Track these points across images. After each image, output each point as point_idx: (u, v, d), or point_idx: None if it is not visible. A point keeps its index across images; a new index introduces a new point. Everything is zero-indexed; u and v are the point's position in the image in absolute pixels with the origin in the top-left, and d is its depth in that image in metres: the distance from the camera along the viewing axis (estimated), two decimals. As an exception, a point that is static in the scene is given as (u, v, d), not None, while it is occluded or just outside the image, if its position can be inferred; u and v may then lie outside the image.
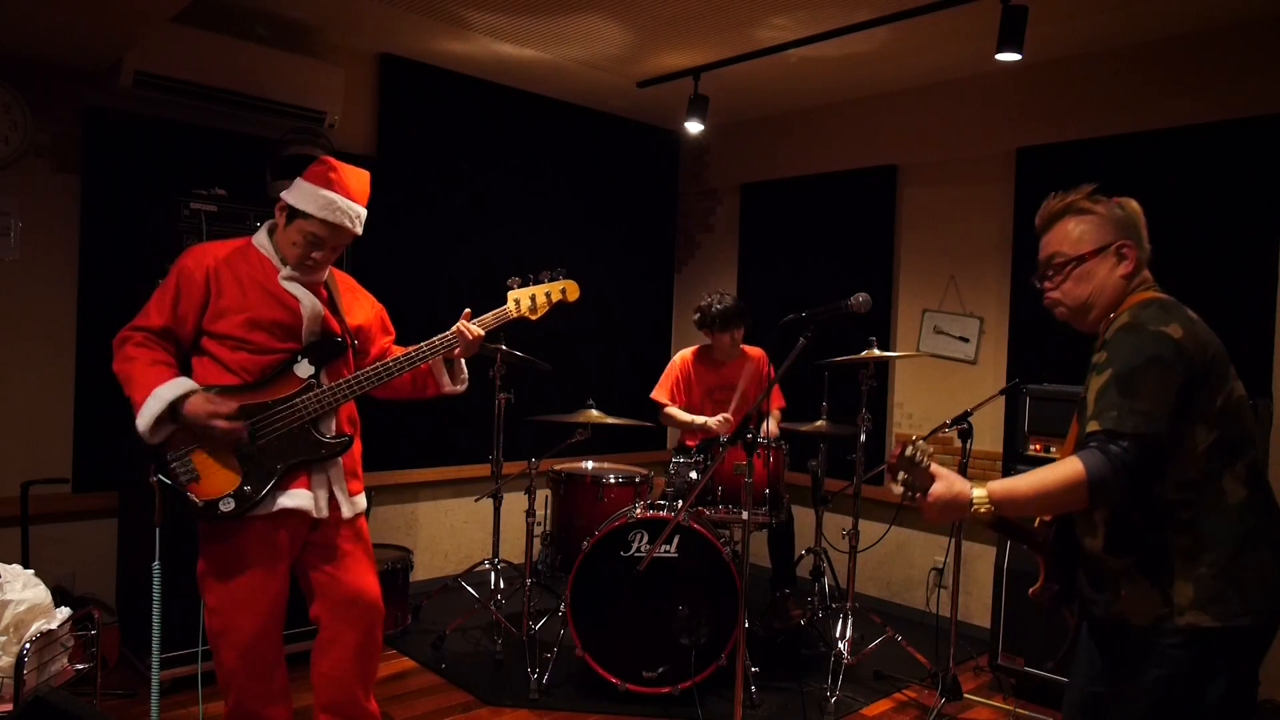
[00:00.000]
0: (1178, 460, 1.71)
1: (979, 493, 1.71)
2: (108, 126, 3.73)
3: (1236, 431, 1.75)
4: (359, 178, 2.48)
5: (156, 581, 2.35)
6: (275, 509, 2.36)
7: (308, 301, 2.46)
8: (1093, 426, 1.70)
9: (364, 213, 2.49)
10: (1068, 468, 1.68)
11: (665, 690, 3.36)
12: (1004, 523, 1.87)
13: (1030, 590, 2.00)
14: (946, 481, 1.73)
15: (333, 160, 2.48)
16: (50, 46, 3.42)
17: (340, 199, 2.41)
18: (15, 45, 3.41)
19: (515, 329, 2.87)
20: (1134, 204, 1.89)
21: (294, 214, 2.41)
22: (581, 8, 3.77)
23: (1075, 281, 1.87)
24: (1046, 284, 1.92)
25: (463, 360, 2.71)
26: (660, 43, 4.17)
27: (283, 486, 2.38)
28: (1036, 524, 1.98)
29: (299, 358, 2.44)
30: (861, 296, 2.79)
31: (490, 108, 4.91)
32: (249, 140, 4.01)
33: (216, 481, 2.33)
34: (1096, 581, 1.85)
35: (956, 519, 1.80)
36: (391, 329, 2.78)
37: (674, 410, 4.25)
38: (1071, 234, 1.87)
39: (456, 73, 4.71)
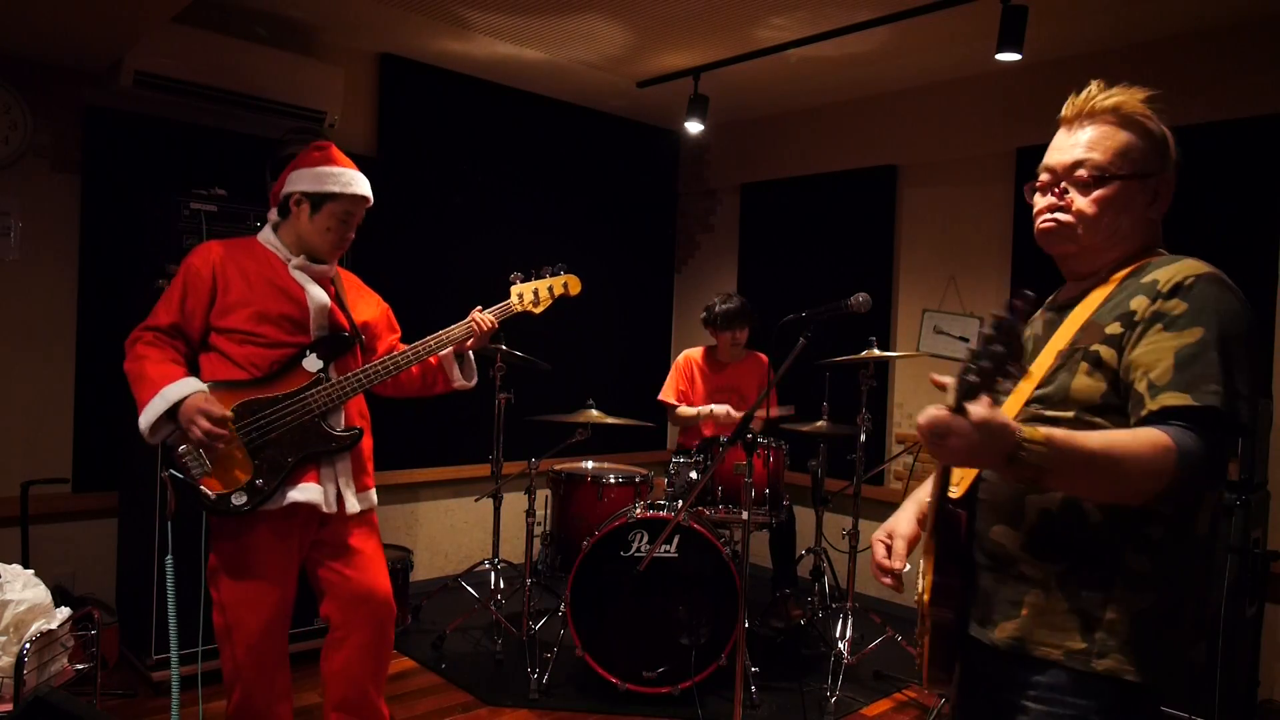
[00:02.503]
0: None
1: (1035, 431, 1.17)
2: (108, 126, 3.73)
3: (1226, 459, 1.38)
4: (341, 152, 2.55)
5: (170, 576, 2.34)
6: (285, 503, 2.37)
7: (315, 294, 2.47)
8: (1177, 400, 1.23)
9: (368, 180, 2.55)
10: (1155, 438, 1.20)
11: (665, 690, 3.36)
12: (945, 483, 1.41)
13: (918, 596, 1.48)
14: (991, 410, 1.16)
15: (327, 142, 2.53)
16: (50, 46, 3.42)
17: (352, 171, 2.48)
18: (15, 45, 3.41)
19: (516, 328, 2.87)
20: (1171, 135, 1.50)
21: (319, 201, 2.44)
22: (581, 8, 3.77)
23: (1103, 206, 1.40)
24: (1053, 194, 1.45)
25: (472, 356, 2.72)
26: (660, 43, 4.17)
27: (293, 480, 2.38)
28: (950, 494, 1.48)
29: (308, 352, 2.44)
30: (861, 296, 2.78)
31: (490, 108, 4.91)
32: (249, 140, 4.01)
33: (229, 476, 2.33)
34: (989, 587, 1.42)
35: (987, 463, 1.26)
36: (397, 327, 2.79)
37: (682, 409, 4.27)
38: (1113, 143, 1.42)
39: (456, 73, 4.71)
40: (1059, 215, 1.44)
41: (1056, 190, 1.45)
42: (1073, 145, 1.45)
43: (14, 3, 2.96)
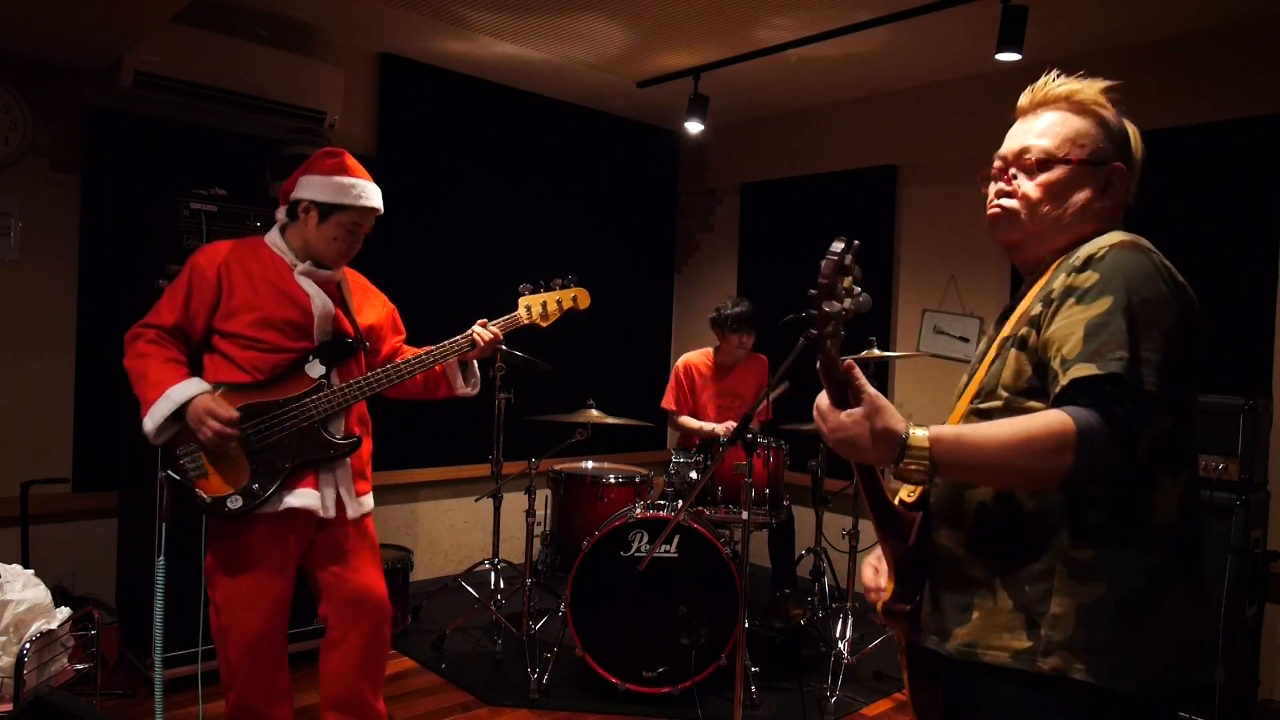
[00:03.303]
0: None
1: (918, 433, 1.18)
2: (108, 126, 3.73)
3: (1189, 436, 1.29)
4: (355, 160, 2.54)
5: (160, 577, 2.35)
6: (282, 508, 2.37)
7: (319, 299, 2.47)
8: (1083, 371, 1.18)
9: (380, 191, 2.54)
10: (1049, 420, 1.16)
11: (665, 690, 3.36)
12: (873, 485, 1.35)
13: (880, 603, 1.43)
14: (877, 408, 1.20)
15: (334, 148, 2.52)
16: (50, 46, 3.42)
17: (364, 183, 2.46)
18: (15, 45, 3.41)
19: (517, 329, 2.87)
20: (1136, 132, 1.45)
21: (327, 210, 2.43)
22: (581, 8, 3.77)
23: (1048, 191, 1.37)
24: (1002, 182, 1.42)
25: (475, 364, 2.72)
26: (660, 43, 4.17)
27: (290, 486, 2.38)
28: (902, 499, 1.46)
29: (310, 357, 2.44)
30: (862, 296, 2.78)
31: (490, 108, 4.91)
32: (249, 140, 4.01)
33: (225, 478, 2.33)
34: (941, 594, 1.36)
35: (872, 461, 1.24)
36: (402, 329, 2.79)
37: (686, 419, 4.29)
38: (1062, 129, 1.39)
39: (456, 73, 4.71)
40: (1004, 201, 1.42)
41: (1006, 177, 1.43)
42: (1025, 133, 1.43)
43: (14, 3, 2.96)
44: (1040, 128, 1.41)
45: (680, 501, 3.59)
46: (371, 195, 2.47)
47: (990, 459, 1.18)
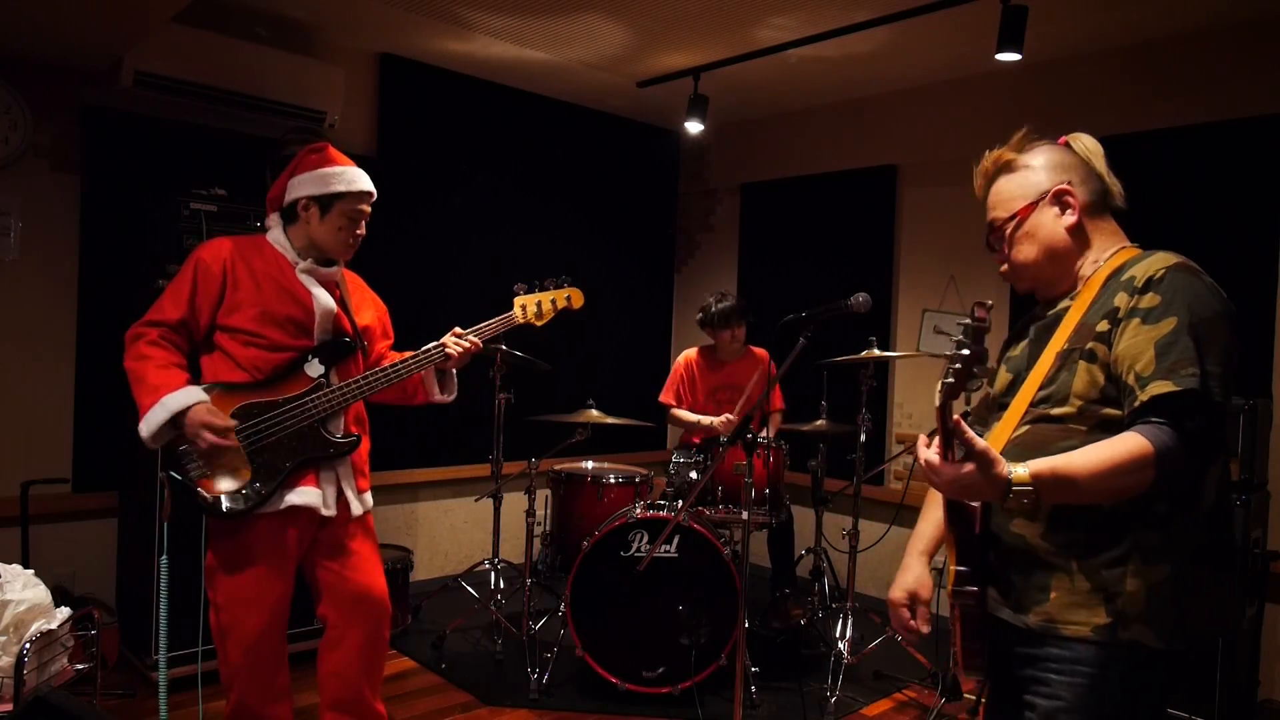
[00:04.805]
0: None
1: (1020, 472, 1.35)
2: (108, 126, 3.73)
3: (1225, 425, 1.49)
4: (336, 150, 2.54)
5: (164, 577, 2.35)
6: (283, 506, 2.37)
7: (322, 297, 2.47)
8: (1161, 388, 1.36)
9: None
10: (1130, 445, 1.35)
11: (665, 690, 3.36)
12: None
13: (948, 586, 1.60)
14: (989, 460, 1.36)
15: (316, 143, 2.52)
16: (50, 46, 3.42)
17: (350, 169, 2.48)
18: (15, 45, 3.41)
19: (516, 329, 2.88)
20: (1084, 140, 1.65)
21: (328, 202, 2.44)
22: (581, 8, 3.77)
23: (1019, 245, 1.62)
24: (996, 256, 1.69)
25: (454, 372, 2.72)
26: (660, 43, 4.17)
27: (291, 484, 2.38)
28: None
29: (310, 356, 2.44)
30: (861, 296, 2.78)
31: (490, 108, 4.91)
32: (249, 140, 4.01)
33: (226, 478, 2.33)
34: (1015, 576, 1.54)
35: (982, 499, 1.50)
36: (391, 334, 2.79)
37: (680, 411, 4.29)
38: (1003, 193, 1.64)
39: (456, 73, 4.71)
40: (1004, 268, 1.69)
41: (997, 251, 1.69)
42: (989, 210, 1.69)
43: (14, 3, 2.96)
44: (993, 202, 1.68)
45: (680, 501, 3.59)
46: (362, 180, 2.49)
47: (1086, 486, 1.37)
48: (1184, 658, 1.48)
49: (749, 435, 2.79)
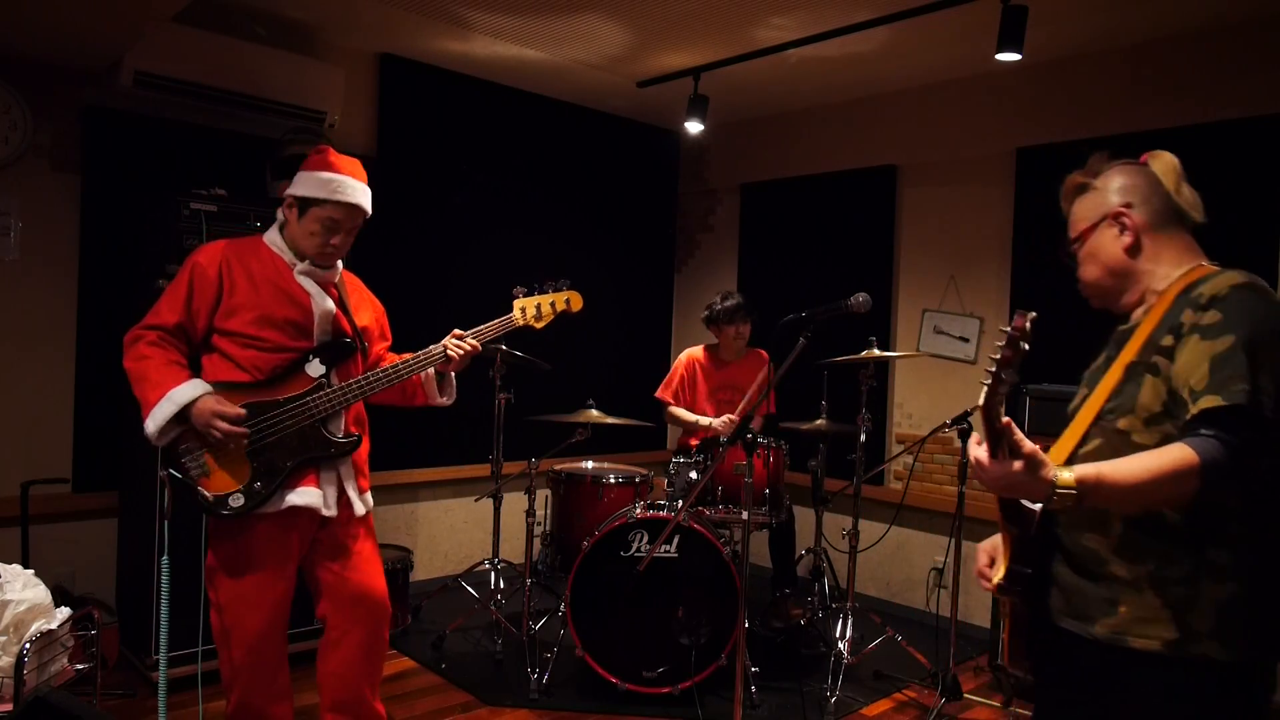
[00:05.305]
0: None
1: (1065, 476, 1.38)
2: (108, 126, 3.73)
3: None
4: (353, 161, 2.52)
5: (165, 576, 2.34)
6: (284, 506, 2.37)
7: (320, 299, 2.47)
8: (1211, 402, 1.40)
9: (369, 191, 2.51)
10: (1176, 455, 1.39)
11: (665, 690, 3.36)
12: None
13: (995, 581, 1.67)
14: (1037, 462, 1.39)
15: (326, 146, 2.51)
16: (50, 46, 3.42)
17: (345, 179, 2.44)
18: (15, 45, 3.41)
19: (515, 330, 2.88)
20: (1161, 158, 1.71)
21: (305, 204, 2.43)
22: (581, 8, 3.77)
23: (1084, 264, 1.72)
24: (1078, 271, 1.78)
25: (453, 375, 2.72)
26: (660, 43, 4.17)
27: (291, 484, 2.38)
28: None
29: (310, 357, 2.44)
30: (861, 296, 2.79)
31: (490, 108, 4.91)
32: (249, 140, 4.01)
33: (227, 477, 2.34)
34: (1084, 586, 1.58)
35: (1026, 498, 1.53)
36: (389, 335, 2.79)
37: (678, 410, 4.29)
38: (1075, 215, 1.73)
39: (456, 73, 4.71)
40: (1079, 285, 1.76)
41: (1074, 267, 1.76)
42: (1069, 228, 1.76)
43: (14, 3, 2.96)
44: (1070, 223, 1.76)
45: (680, 501, 3.59)
46: (352, 192, 2.43)
47: (1128, 492, 1.40)
48: (1254, 672, 1.50)
49: (749, 435, 2.79)
